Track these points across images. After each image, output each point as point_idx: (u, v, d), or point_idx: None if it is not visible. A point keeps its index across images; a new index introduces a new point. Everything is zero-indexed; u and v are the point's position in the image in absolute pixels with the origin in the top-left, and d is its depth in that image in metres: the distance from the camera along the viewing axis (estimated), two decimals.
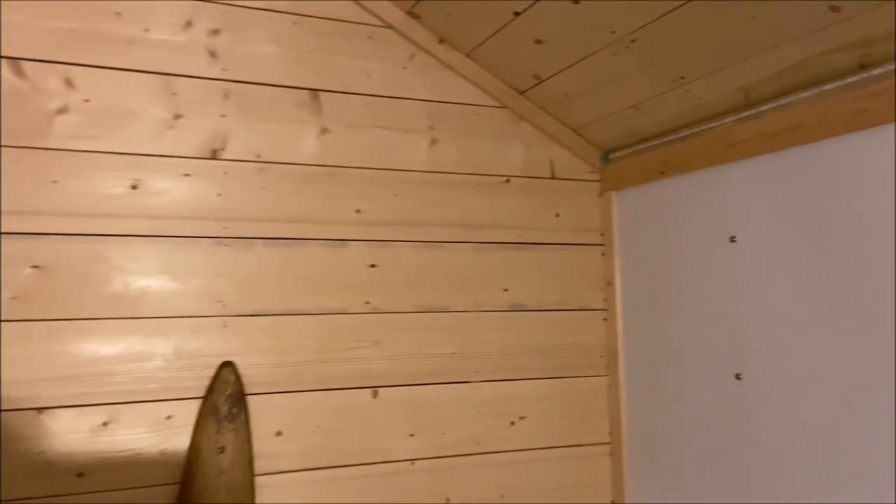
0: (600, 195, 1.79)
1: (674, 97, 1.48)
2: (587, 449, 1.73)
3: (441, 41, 1.66)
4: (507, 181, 1.72)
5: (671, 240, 1.59)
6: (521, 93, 1.71)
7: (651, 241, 1.65)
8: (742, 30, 1.22)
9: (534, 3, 1.39)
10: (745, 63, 1.30)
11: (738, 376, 1.41)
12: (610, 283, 1.76)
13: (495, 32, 1.54)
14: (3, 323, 1.30)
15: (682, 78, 1.41)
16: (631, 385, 1.71)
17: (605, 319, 1.77)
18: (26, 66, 1.36)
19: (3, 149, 1.33)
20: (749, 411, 1.39)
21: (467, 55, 1.67)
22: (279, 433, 1.47)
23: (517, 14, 1.45)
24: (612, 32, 1.37)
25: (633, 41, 1.37)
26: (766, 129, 1.35)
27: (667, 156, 1.59)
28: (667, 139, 1.60)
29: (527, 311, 1.70)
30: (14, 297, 1.32)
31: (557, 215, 1.75)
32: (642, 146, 1.67)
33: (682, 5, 1.22)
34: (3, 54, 1.34)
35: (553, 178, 1.76)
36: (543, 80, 1.63)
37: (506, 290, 1.69)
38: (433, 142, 1.66)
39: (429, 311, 1.62)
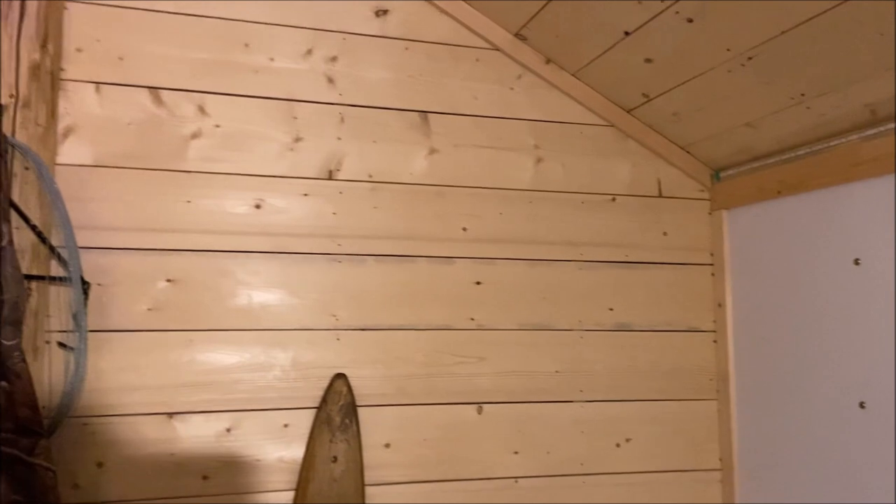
0: (710, 214, 1.75)
1: (793, 114, 1.43)
2: (696, 475, 1.68)
3: (548, 62, 1.68)
4: (613, 199, 1.71)
5: (788, 261, 1.53)
6: (629, 111, 1.70)
7: (765, 261, 1.60)
8: (870, 46, 1.18)
9: (646, 23, 1.39)
10: (873, 79, 1.25)
11: (861, 405, 1.35)
12: (720, 305, 1.71)
13: (604, 52, 1.55)
14: (139, 333, 1.41)
15: (803, 95, 1.37)
16: (743, 410, 1.66)
17: (714, 342, 1.72)
18: (164, 94, 1.47)
19: (143, 171, 1.44)
20: (873, 441, 1.32)
21: (574, 74, 1.68)
22: (387, 445, 1.52)
23: (627, 34, 1.45)
24: (728, 50, 1.35)
25: (751, 58, 1.34)
26: (894, 147, 1.29)
27: (784, 174, 1.53)
28: (784, 157, 1.54)
29: (633, 332, 1.68)
30: (150, 309, 1.42)
31: (665, 234, 1.72)
32: (757, 164, 1.62)
33: (806, 21, 1.19)
34: (144, 84, 1.46)
35: (660, 196, 1.74)
36: (652, 99, 1.61)
37: (611, 309, 1.68)
38: (539, 160, 1.68)
39: (533, 328, 1.63)
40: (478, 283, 1.61)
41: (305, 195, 1.53)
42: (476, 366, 1.59)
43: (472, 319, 1.60)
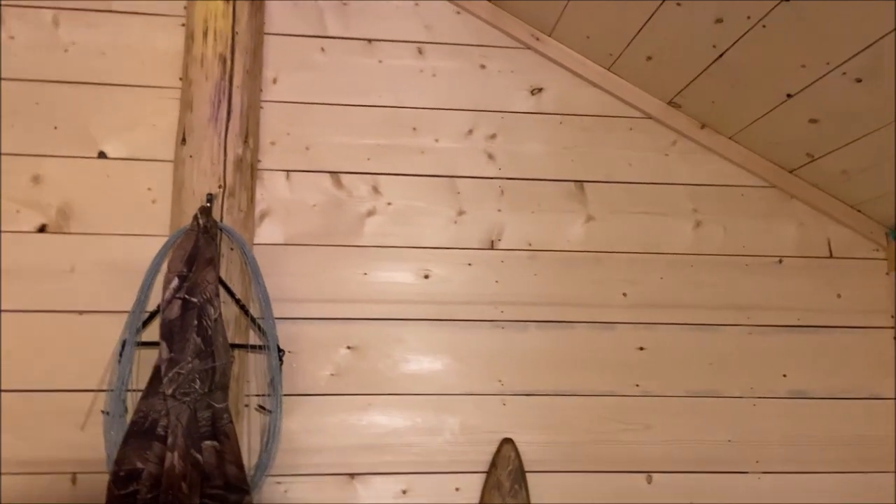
0: (888, 274, 1.66)
1: None
2: None
3: (703, 126, 1.69)
4: (780, 261, 1.66)
5: None
6: (791, 171, 1.67)
7: None
8: None
9: (810, 85, 1.38)
10: None
11: None
12: None
13: (764, 115, 1.54)
14: (323, 397, 1.52)
15: None
16: None
17: None
18: (344, 177, 1.62)
19: (325, 248, 1.58)
20: None
21: (731, 138, 1.68)
22: None
23: (790, 96, 1.44)
24: None
25: None
26: None
27: None
28: None
29: (809, 399, 1.60)
30: (332, 374, 1.53)
31: (839, 296, 1.65)
32: None
33: None
34: (326, 169, 1.62)
35: (831, 256, 1.67)
36: (817, 158, 1.58)
37: (784, 375, 1.61)
38: (698, 224, 1.67)
39: (701, 395, 1.60)
40: (641, 348, 1.61)
41: (469, 265, 1.61)
42: (643, 433, 1.57)
43: (637, 386, 1.59)
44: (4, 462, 1.42)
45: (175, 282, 1.33)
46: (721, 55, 1.45)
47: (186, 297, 1.32)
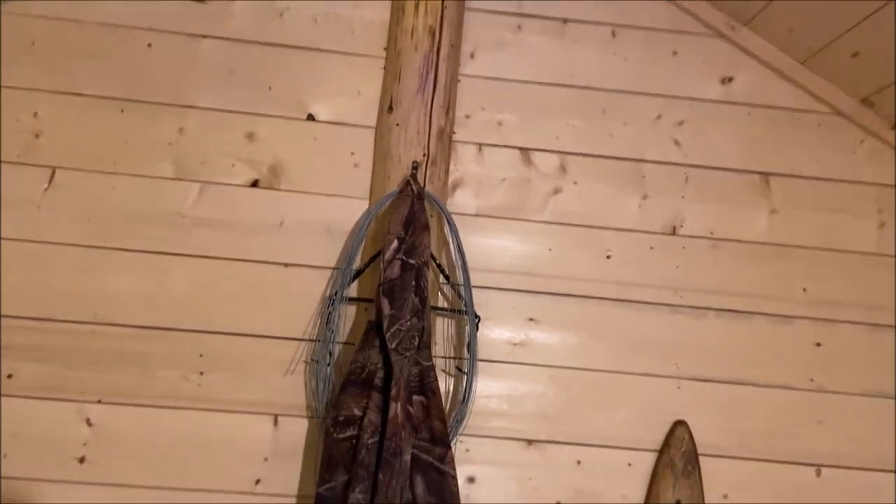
0: None
1: None
2: None
3: (894, 127, 1.67)
4: None
5: None
6: None
7: None
8: None
9: None
10: None
11: None
12: None
13: None
14: (505, 364, 1.58)
15: None
16: None
17: None
18: (533, 154, 1.66)
19: (512, 221, 1.63)
20: None
21: None
22: (725, 496, 1.55)
23: None
24: None
25: None
26: None
27: None
28: None
29: None
30: (515, 344, 1.59)
31: None
32: None
33: None
34: (516, 145, 1.66)
35: None
36: None
37: None
38: (881, 225, 1.66)
39: (876, 395, 1.60)
40: (818, 344, 1.62)
41: (651, 248, 1.64)
42: (815, 428, 1.58)
43: (812, 381, 1.60)
44: (209, 399, 1.51)
45: (395, 243, 1.40)
46: None
47: (405, 258, 1.39)
